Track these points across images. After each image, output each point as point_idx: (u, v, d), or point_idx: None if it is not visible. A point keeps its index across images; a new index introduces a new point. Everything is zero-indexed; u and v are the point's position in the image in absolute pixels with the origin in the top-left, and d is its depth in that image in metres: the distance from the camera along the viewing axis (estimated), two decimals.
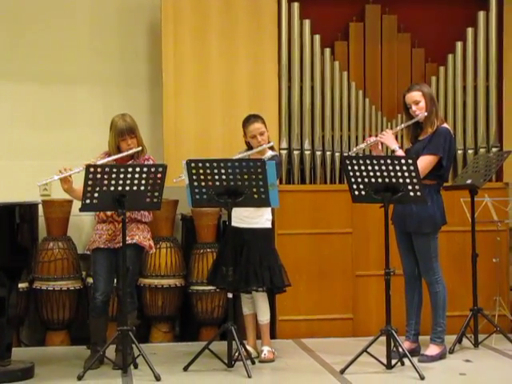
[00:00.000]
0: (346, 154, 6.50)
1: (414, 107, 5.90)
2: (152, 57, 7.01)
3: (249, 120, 5.96)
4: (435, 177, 5.86)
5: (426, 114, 5.86)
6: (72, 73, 6.98)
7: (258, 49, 6.72)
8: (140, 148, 5.72)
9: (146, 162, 5.72)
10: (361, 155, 6.20)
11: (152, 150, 6.31)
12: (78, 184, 5.59)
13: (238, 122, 6.10)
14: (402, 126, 6.02)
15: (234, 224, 5.77)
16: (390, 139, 5.94)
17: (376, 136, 6.12)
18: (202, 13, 6.69)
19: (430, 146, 5.84)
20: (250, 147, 5.96)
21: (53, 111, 6.97)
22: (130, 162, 5.72)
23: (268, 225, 5.95)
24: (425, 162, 5.76)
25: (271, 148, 5.99)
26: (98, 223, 5.78)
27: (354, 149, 6.18)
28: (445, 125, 6.00)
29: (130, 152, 5.69)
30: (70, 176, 5.56)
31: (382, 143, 6.05)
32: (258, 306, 5.97)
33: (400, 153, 5.86)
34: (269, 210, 5.91)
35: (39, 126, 6.95)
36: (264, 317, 5.96)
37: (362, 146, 6.05)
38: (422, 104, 5.88)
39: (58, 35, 6.97)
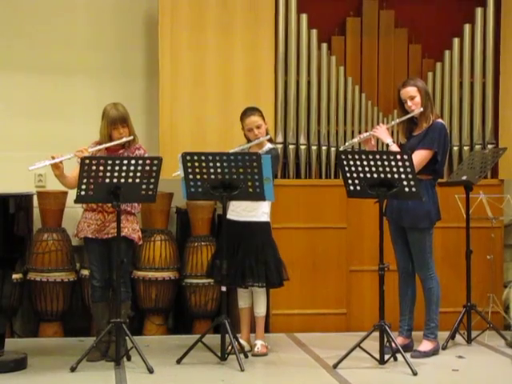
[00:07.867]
0: (340, 149, 6.48)
1: (409, 102, 5.88)
2: (148, 48, 6.97)
3: (245, 113, 5.93)
4: (430, 171, 5.85)
5: (421, 109, 5.85)
6: (68, 63, 6.95)
7: (254, 42, 6.70)
8: (132, 137, 5.71)
9: (136, 151, 5.73)
10: (356, 150, 6.19)
11: (147, 141, 6.30)
12: (70, 171, 5.64)
13: (233, 115, 6.09)
14: (397, 120, 6.00)
15: (231, 217, 5.78)
16: (383, 133, 5.92)
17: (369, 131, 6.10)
18: (199, 5, 6.67)
19: (424, 141, 5.83)
20: (250, 140, 5.95)
21: (48, 101, 6.93)
22: (121, 151, 5.72)
23: (265, 218, 5.92)
24: (419, 157, 5.74)
25: (269, 140, 5.97)
26: (87, 211, 5.76)
27: (347, 143, 6.16)
28: (439, 120, 5.99)
29: (122, 141, 5.68)
30: (60, 162, 5.58)
31: (376, 138, 6.04)
32: (255, 299, 5.96)
33: (394, 147, 5.85)
34: (266, 203, 5.87)
35: (34, 117, 6.90)
36: (261, 309, 5.96)
37: (355, 140, 6.03)
38: (418, 99, 5.87)
39: (54, 25, 6.93)
